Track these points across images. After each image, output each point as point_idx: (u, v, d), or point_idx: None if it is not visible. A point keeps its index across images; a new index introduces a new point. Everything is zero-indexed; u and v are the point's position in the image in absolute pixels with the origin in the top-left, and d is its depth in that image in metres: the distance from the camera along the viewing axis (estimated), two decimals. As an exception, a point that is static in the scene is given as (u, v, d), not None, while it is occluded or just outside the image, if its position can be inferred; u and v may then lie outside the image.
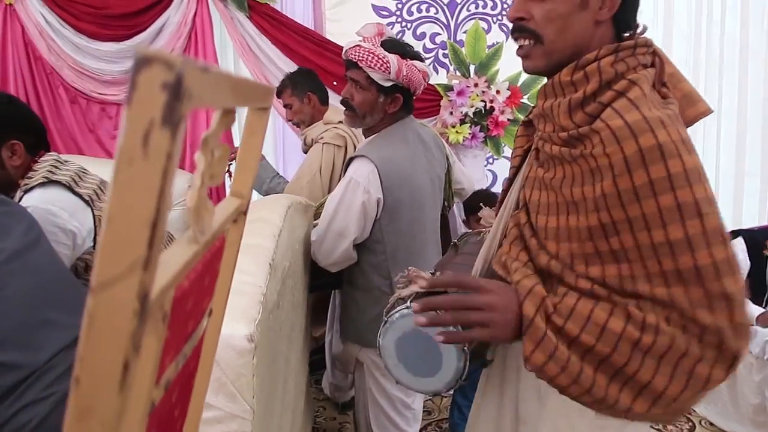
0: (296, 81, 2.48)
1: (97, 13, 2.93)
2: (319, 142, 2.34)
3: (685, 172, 0.77)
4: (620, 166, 0.79)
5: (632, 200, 0.79)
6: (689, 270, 0.78)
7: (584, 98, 0.86)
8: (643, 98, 0.82)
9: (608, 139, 0.80)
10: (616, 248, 0.82)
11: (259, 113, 0.56)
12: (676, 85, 0.94)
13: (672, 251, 0.78)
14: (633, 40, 0.87)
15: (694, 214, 0.77)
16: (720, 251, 0.77)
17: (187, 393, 0.52)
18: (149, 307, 0.28)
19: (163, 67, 0.24)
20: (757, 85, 3.50)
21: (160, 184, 0.25)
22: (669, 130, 0.78)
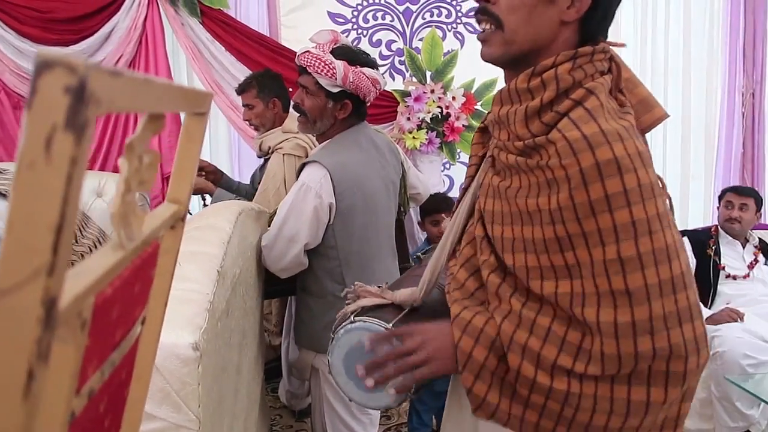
0: (264, 83, 2.43)
1: (41, 17, 2.84)
2: (278, 152, 2.31)
3: (640, 188, 0.76)
4: (577, 178, 0.77)
5: (588, 214, 0.77)
6: (639, 289, 0.76)
7: (541, 106, 0.83)
8: (600, 109, 0.80)
9: (564, 150, 0.78)
10: (571, 263, 0.80)
11: (197, 118, 0.56)
12: (632, 90, 0.92)
13: (623, 269, 0.76)
14: (591, 47, 0.84)
15: (646, 232, 0.76)
16: (664, 270, 0.76)
17: (119, 402, 0.51)
18: (59, 314, 0.27)
19: (65, 71, 0.24)
20: (700, 91, 3.66)
21: (65, 189, 0.24)
22: (626, 144, 0.77)
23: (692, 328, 0.78)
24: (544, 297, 0.83)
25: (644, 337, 0.76)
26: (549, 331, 0.82)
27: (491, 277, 0.89)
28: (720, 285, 2.79)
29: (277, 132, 2.38)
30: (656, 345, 0.76)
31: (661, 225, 0.77)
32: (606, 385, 0.79)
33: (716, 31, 3.63)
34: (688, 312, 0.78)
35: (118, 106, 0.29)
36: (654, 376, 0.78)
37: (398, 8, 3.30)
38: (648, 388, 0.78)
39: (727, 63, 3.64)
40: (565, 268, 0.81)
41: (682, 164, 3.69)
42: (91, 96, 0.25)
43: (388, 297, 1.08)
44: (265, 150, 2.39)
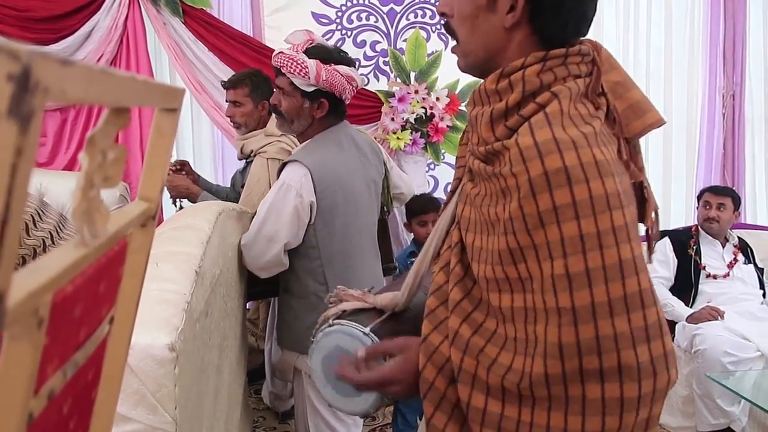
0: (258, 84, 2.38)
1: (19, 15, 2.80)
2: (262, 155, 2.28)
3: (591, 200, 0.72)
4: (525, 188, 0.74)
5: (537, 226, 0.74)
6: (584, 307, 0.72)
7: (507, 109, 0.80)
8: (559, 114, 0.76)
9: (516, 158, 0.75)
10: (524, 276, 0.77)
11: (167, 114, 0.55)
12: (623, 95, 0.88)
13: (570, 285, 0.72)
14: (564, 49, 0.81)
15: (595, 247, 0.72)
16: (616, 288, 0.72)
17: (86, 405, 0.49)
18: (8, 311, 0.27)
19: (8, 57, 0.23)
20: (681, 94, 3.70)
21: (9, 180, 0.24)
22: (579, 152, 0.73)
23: (648, 350, 0.72)
24: (501, 310, 0.80)
25: (591, 357, 0.72)
26: (495, 361, 0.79)
27: (454, 291, 0.86)
28: (701, 284, 2.83)
29: (260, 135, 2.34)
30: (604, 365, 0.72)
31: (616, 240, 0.72)
32: (559, 414, 0.74)
33: (697, 35, 3.67)
34: (643, 332, 0.73)
35: (71, 96, 0.28)
36: (608, 403, 0.72)
37: (382, 9, 3.30)
38: (603, 417, 0.73)
39: (707, 65, 3.69)
40: (518, 281, 0.78)
41: (663, 165, 3.73)
42: (37, 84, 0.24)
43: (369, 301, 1.07)
44: (246, 152, 2.35)
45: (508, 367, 0.78)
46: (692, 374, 2.55)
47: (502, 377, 0.78)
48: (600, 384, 0.72)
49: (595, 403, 0.73)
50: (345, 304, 1.07)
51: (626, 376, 0.72)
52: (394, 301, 1.05)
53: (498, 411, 0.78)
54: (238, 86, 2.37)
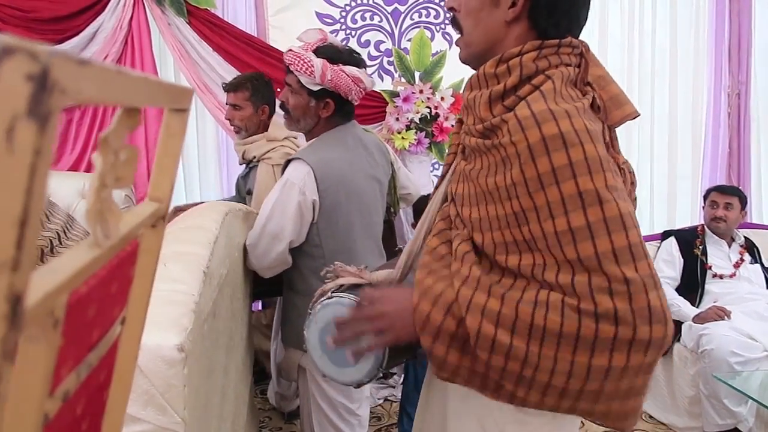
0: (258, 88, 2.37)
1: (25, 16, 2.80)
2: (266, 162, 2.26)
3: (586, 161, 0.78)
4: (525, 154, 0.81)
5: (537, 188, 0.80)
6: (590, 257, 0.78)
7: (504, 91, 0.89)
8: (553, 92, 0.84)
9: (514, 128, 0.82)
10: (528, 237, 0.83)
11: (177, 114, 0.55)
12: (604, 87, 0.97)
13: (574, 239, 0.79)
14: (557, 40, 0.90)
15: (595, 202, 0.78)
16: (620, 238, 0.78)
17: (98, 405, 0.49)
18: (27, 312, 0.26)
19: (27, 57, 0.23)
20: (686, 92, 3.69)
21: (28, 180, 0.23)
22: (573, 120, 0.80)
23: (658, 296, 0.78)
24: (509, 269, 0.86)
25: (604, 296, 0.77)
26: (507, 294, 0.84)
27: (461, 246, 0.92)
28: (707, 284, 2.81)
29: (262, 140, 2.32)
30: (618, 305, 0.76)
31: (612, 195, 0.79)
32: (567, 348, 0.79)
33: (702, 34, 3.66)
34: (652, 279, 0.78)
35: (86, 96, 0.28)
36: (619, 341, 0.77)
37: (386, 9, 3.30)
38: (611, 353, 0.78)
39: (712, 64, 3.67)
40: (524, 242, 0.84)
41: (669, 164, 3.71)
42: (55, 84, 0.24)
43: (366, 277, 1.12)
44: (248, 158, 2.34)
45: (520, 297, 0.83)
46: (699, 374, 2.54)
47: (517, 302, 0.82)
48: (614, 325, 0.77)
49: (606, 341, 0.77)
50: (342, 279, 1.11)
51: (639, 317, 0.77)
52: (389, 278, 1.11)
53: (507, 341, 0.82)
54: (238, 89, 2.36)
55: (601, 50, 3.54)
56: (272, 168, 2.25)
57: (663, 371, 2.80)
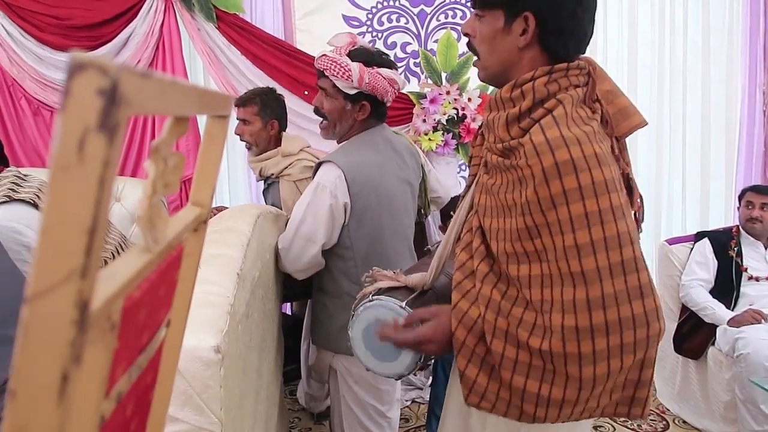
0: (267, 103, 2.37)
1: (60, 23, 2.88)
2: (286, 179, 2.26)
3: (593, 185, 0.88)
4: (540, 176, 0.90)
5: (550, 207, 0.90)
6: (591, 270, 0.89)
7: (520, 114, 0.97)
8: (565, 117, 0.93)
9: (530, 152, 0.91)
10: (539, 249, 0.93)
11: (218, 121, 0.56)
12: (612, 101, 1.04)
13: (579, 253, 0.89)
14: (566, 63, 0.97)
15: (598, 222, 0.89)
16: (615, 255, 0.89)
17: (144, 406, 0.51)
18: (91, 317, 0.27)
19: (98, 72, 0.24)
20: (719, 90, 3.60)
21: (97, 191, 0.24)
22: (582, 147, 0.89)
23: (642, 305, 0.90)
24: (519, 279, 0.96)
25: (598, 312, 0.89)
26: (521, 319, 0.96)
27: (480, 266, 1.03)
28: (742, 286, 2.75)
29: (277, 157, 2.31)
30: (608, 318, 0.89)
31: (613, 216, 0.89)
32: (574, 364, 0.91)
33: (735, 29, 3.57)
34: (638, 291, 0.90)
35: (146, 108, 0.29)
36: (611, 350, 0.89)
37: (413, 10, 3.30)
38: (608, 361, 0.90)
39: (747, 61, 3.58)
40: (535, 253, 0.94)
41: (702, 163, 3.64)
42: (122, 98, 0.25)
43: (401, 280, 1.24)
44: (266, 175, 2.33)
45: (533, 324, 0.94)
46: (734, 379, 2.48)
47: (528, 334, 0.94)
48: (605, 336, 0.89)
49: (602, 352, 0.90)
50: (380, 283, 1.23)
51: (625, 326, 0.89)
52: (423, 280, 1.22)
53: (527, 360, 0.94)
54: (247, 104, 2.36)
55: (630, 49, 3.49)
56: (294, 184, 2.25)
57: (697, 375, 2.74)
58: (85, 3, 2.88)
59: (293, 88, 3.08)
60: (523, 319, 0.96)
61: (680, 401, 2.86)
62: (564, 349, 0.91)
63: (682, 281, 2.83)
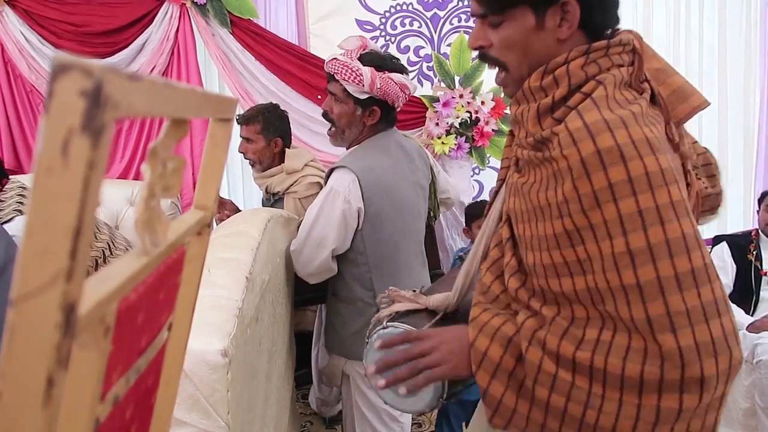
0: (270, 121, 2.33)
1: (77, 30, 2.92)
2: (292, 196, 2.25)
3: (647, 176, 0.72)
4: (578, 168, 0.74)
5: (593, 205, 0.74)
6: (651, 282, 0.72)
7: (553, 104, 0.82)
8: (605, 98, 0.78)
9: (566, 140, 0.76)
10: (583, 257, 0.77)
11: (222, 124, 0.56)
12: (665, 81, 0.90)
13: (633, 262, 0.73)
14: (606, 41, 0.82)
15: (656, 222, 0.72)
16: (683, 262, 0.72)
17: (146, 409, 0.51)
18: (80, 320, 0.27)
19: (81, 74, 0.23)
20: (736, 93, 3.55)
21: (82, 193, 0.24)
22: (630, 130, 0.73)
23: (720, 325, 0.72)
24: (564, 294, 0.80)
25: (666, 335, 0.71)
26: (567, 330, 0.79)
27: (511, 281, 0.88)
28: (762, 291, 2.70)
29: (281, 174, 2.29)
30: (681, 343, 0.71)
31: (675, 214, 0.72)
32: (633, 391, 0.74)
33: (753, 31, 3.52)
34: (714, 306, 0.72)
35: (137, 110, 0.29)
36: (687, 381, 0.71)
37: (426, 14, 3.30)
38: (681, 395, 0.72)
39: (765, 64, 3.53)
40: (577, 263, 0.78)
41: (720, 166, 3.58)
42: (107, 99, 0.24)
43: (421, 302, 1.08)
44: (272, 192, 2.32)
45: (581, 338, 0.77)
46: (754, 386, 2.43)
47: (575, 348, 0.77)
48: (680, 367, 0.71)
49: (674, 382, 0.72)
50: (397, 306, 1.09)
51: (704, 353, 0.71)
52: (446, 302, 1.06)
53: (569, 379, 0.77)
54: (250, 123, 2.32)
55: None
56: (300, 202, 2.23)
57: (715, 382, 2.69)
58: (102, 10, 2.93)
59: (306, 92, 3.10)
60: (569, 331, 0.79)
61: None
62: (622, 371, 0.73)
63: (700, 286, 2.79)
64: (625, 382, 0.74)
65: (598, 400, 0.75)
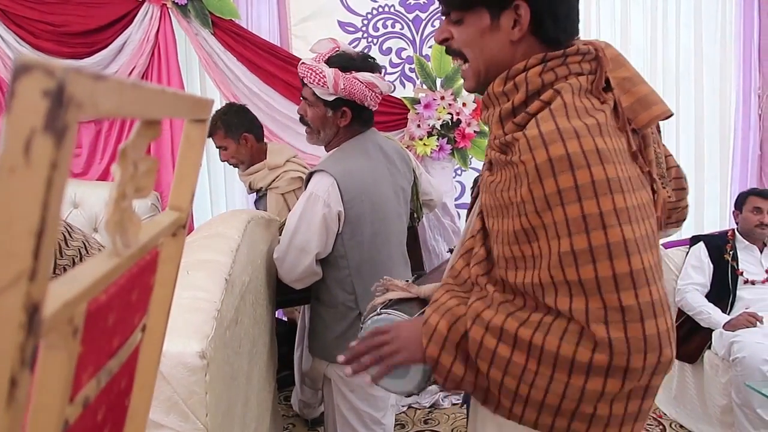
0: (229, 122, 2.33)
1: (55, 30, 2.88)
2: (274, 191, 2.27)
3: (592, 184, 0.78)
4: (533, 173, 0.81)
5: (545, 208, 0.81)
6: (590, 280, 0.79)
7: (513, 108, 0.88)
8: (563, 108, 0.83)
9: (524, 147, 0.82)
10: (536, 253, 0.84)
11: (197, 125, 0.56)
12: (630, 89, 0.95)
13: (576, 261, 0.79)
14: (562, 50, 0.88)
15: (598, 226, 0.78)
16: (621, 264, 0.78)
17: (119, 411, 0.50)
18: (44, 321, 0.27)
19: (44, 74, 0.23)
20: (712, 95, 3.61)
21: (45, 193, 0.24)
22: (582, 141, 0.79)
23: (655, 325, 0.78)
24: (517, 285, 0.87)
25: (599, 325, 0.78)
26: (513, 313, 0.87)
27: (475, 268, 0.95)
28: (738, 290, 2.74)
29: (264, 171, 2.31)
30: (612, 335, 0.78)
31: (618, 220, 0.78)
32: (563, 370, 0.81)
33: (729, 33, 3.58)
34: (650, 308, 0.78)
35: (103, 110, 0.29)
36: (613, 368, 0.78)
37: (408, 16, 3.31)
38: (605, 379, 0.79)
39: (741, 65, 3.59)
40: (531, 258, 0.85)
41: (696, 168, 3.64)
42: (71, 99, 0.24)
43: (413, 291, 1.17)
44: (256, 188, 2.34)
45: (526, 318, 0.85)
46: (730, 383, 2.47)
47: (519, 324, 0.84)
48: (609, 355, 0.78)
49: (601, 367, 0.79)
50: (391, 294, 1.17)
51: (634, 348, 0.78)
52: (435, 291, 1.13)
53: (506, 355, 0.85)
54: (214, 132, 2.34)
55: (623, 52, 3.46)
56: (282, 197, 2.25)
57: (694, 379, 2.74)
58: (80, 10, 2.89)
59: (289, 93, 3.09)
60: (515, 313, 0.87)
61: (677, 405, 2.86)
62: (558, 349, 0.81)
63: (678, 285, 2.83)
64: (558, 360, 0.81)
65: (531, 376, 0.83)
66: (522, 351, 0.83)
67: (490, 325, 0.87)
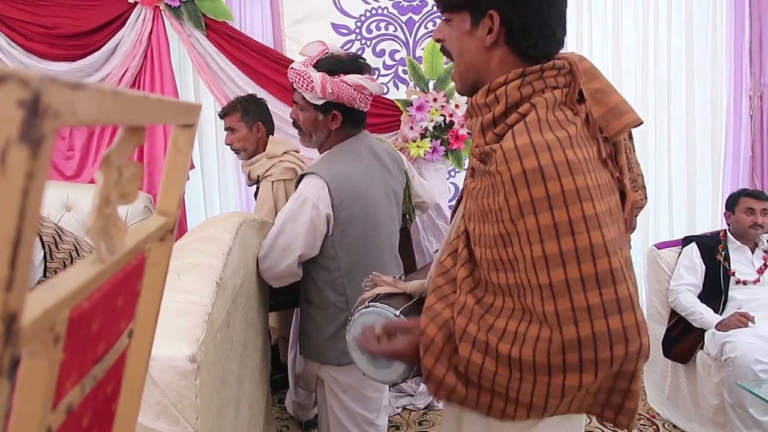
0: (248, 108, 2.44)
1: (48, 33, 2.87)
2: (267, 179, 2.30)
3: (563, 194, 0.84)
4: (508, 184, 0.87)
5: (518, 216, 0.87)
6: (560, 282, 0.85)
7: (494, 119, 0.94)
8: (537, 122, 0.89)
9: (500, 158, 0.88)
10: (512, 257, 0.90)
11: (184, 130, 0.56)
12: (602, 100, 1.01)
13: (547, 265, 0.86)
14: (539, 65, 0.94)
15: (568, 233, 0.85)
16: (588, 267, 0.84)
17: (106, 418, 0.50)
18: (22, 329, 0.27)
19: (18, 84, 0.24)
20: (704, 97, 3.63)
21: (21, 203, 0.24)
22: (553, 154, 0.86)
23: (620, 320, 0.85)
24: (500, 286, 0.94)
25: (569, 326, 0.85)
26: (492, 326, 0.93)
27: (461, 270, 1.00)
28: (731, 290, 2.76)
29: (263, 160, 2.37)
30: (581, 333, 0.85)
31: (586, 226, 0.85)
32: (543, 374, 0.88)
33: (720, 36, 3.60)
34: (615, 305, 0.85)
35: (82, 118, 0.29)
36: (585, 363, 0.86)
37: (401, 18, 3.31)
38: (580, 374, 0.86)
39: (732, 67, 3.61)
40: (509, 262, 0.91)
41: (688, 169, 3.66)
42: (47, 109, 0.24)
43: (400, 287, 1.23)
44: (254, 178, 2.39)
45: (503, 330, 0.92)
46: (723, 383, 2.48)
47: (498, 340, 0.91)
48: (578, 351, 0.85)
49: (574, 365, 0.86)
50: (379, 288, 1.23)
51: (600, 342, 0.85)
52: (421, 288, 1.21)
53: (492, 368, 0.92)
54: (230, 113, 2.44)
55: (615, 58, 3.51)
56: (272, 184, 2.28)
57: (686, 379, 2.75)
58: (72, 12, 2.88)
59: (282, 95, 3.09)
60: (494, 325, 0.93)
61: (670, 405, 2.87)
62: (534, 359, 0.88)
63: (671, 286, 2.84)
64: (536, 367, 0.88)
65: (516, 383, 0.90)
66: (504, 364, 0.90)
67: (476, 342, 0.93)
